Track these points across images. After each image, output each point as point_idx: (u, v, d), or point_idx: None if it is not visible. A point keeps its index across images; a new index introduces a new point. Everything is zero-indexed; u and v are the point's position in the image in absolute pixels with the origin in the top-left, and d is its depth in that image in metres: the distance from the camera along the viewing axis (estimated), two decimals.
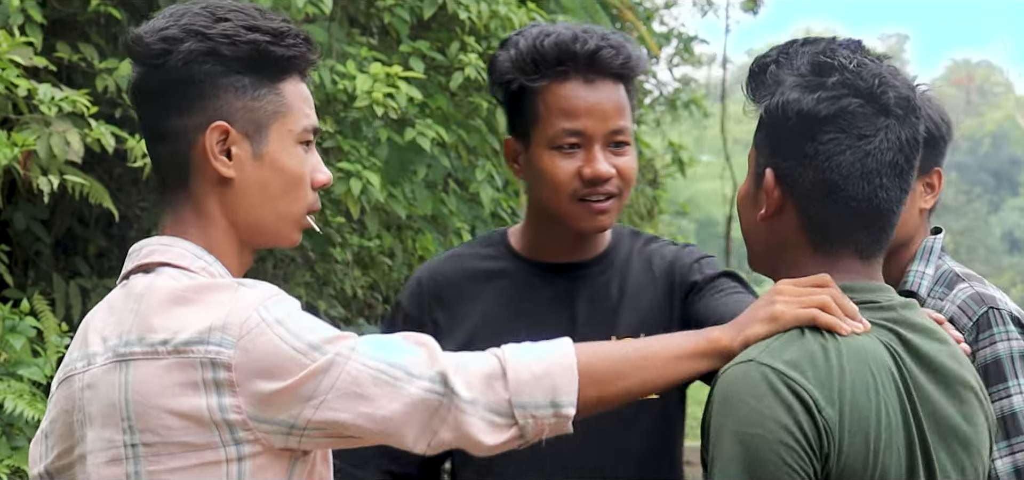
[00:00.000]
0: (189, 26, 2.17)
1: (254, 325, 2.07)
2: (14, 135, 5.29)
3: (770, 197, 2.17)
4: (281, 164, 2.23)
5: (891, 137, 2.12)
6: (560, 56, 2.72)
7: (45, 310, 5.82)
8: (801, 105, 2.12)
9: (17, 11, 5.61)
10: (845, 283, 2.14)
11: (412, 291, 2.90)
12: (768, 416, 2.00)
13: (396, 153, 7.20)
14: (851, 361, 2.06)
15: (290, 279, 8.37)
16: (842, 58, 2.15)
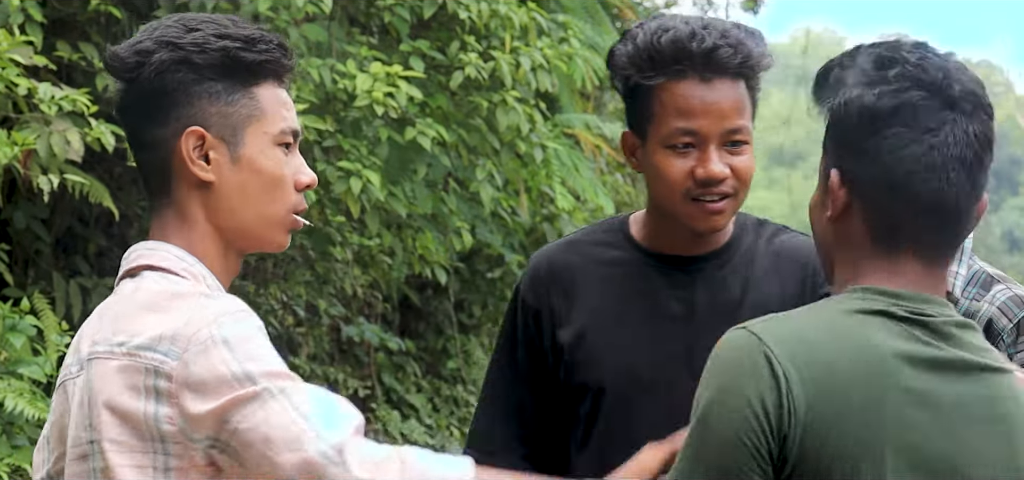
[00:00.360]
0: (161, 37, 2.23)
1: (202, 340, 2.09)
2: (14, 134, 5.30)
3: (835, 198, 2.12)
4: (259, 166, 2.25)
5: (958, 131, 2.06)
6: (677, 54, 2.65)
7: (45, 309, 5.82)
8: (863, 101, 2.07)
9: (17, 10, 5.62)
10: (897, 290, 2.08)
11: (530, 278, 2.87)
12: (736, 384, 2.00)
13: (396, 152, 7.20)
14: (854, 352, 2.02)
15: (290, 278, 8.37)
16: (905, 52, 2.10)
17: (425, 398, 9.83)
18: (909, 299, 2.08)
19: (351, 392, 9.25)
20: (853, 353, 2.02)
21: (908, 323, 2.07)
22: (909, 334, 2.06)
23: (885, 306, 2.07)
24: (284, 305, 8.73)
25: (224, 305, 2.14)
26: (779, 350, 2.00)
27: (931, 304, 2.09)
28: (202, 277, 2.23)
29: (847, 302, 2.09)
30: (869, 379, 2.01)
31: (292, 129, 2.30)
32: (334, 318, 9.21)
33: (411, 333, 10.25)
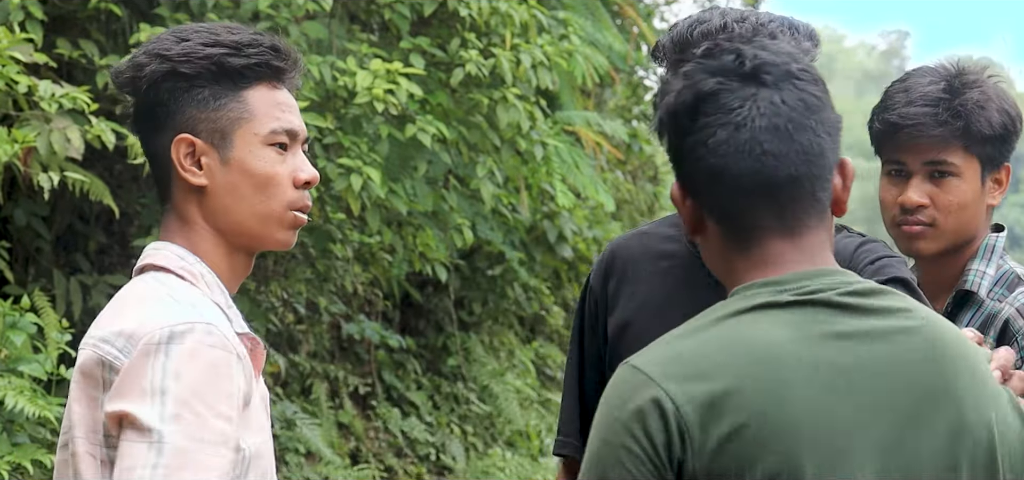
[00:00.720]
0: (153, 50, 2.31)
1: (150, 342, 2.12)
2: (14, 132, 5.29)
3: (684, 211, 2.09)
4: (248, 167, 2.31)
5: (762, 103, 2.01)
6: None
7: (46, 307, 5.82)
8: (668, 106, 2.07)
9: (17, 8, 5.61)
10: (776, 276, 2.03)
11: (598, 263, 2.93)
12: (619, 420, 1.95)
13: (397, 149, 7.20)
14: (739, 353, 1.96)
15: (291, 275, 8.37)
16: (694, 48, 2.12)
17: (425, 396, 9.82)
18: (791, 281, 2.02)
19: (351, 389, 9.24)
20: (740, 352, 1.97)
21: (793, 307, 2.00)
22: (797, 318, 1.99)
23: (766, 297, 2.01)
24: (284, 302, 8.72)
25: (189, 316, 2.15)
26: (657, 374, 1.96)
27: (817, 278, 2.03)
28: (201, 276, 2.28)
29: (726, 306, 2.03)
30: (762, 371, 1.95)
31: (286, 129, 2.34)
32: (334, 315, 9.21)
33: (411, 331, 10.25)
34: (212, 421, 2.10)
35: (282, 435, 8.05)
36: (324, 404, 8.70)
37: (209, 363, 2.13)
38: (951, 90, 2.97)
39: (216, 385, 2.13)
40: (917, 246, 3.01)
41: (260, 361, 2.33)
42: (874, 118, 3.05)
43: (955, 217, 2.98)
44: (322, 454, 8.19)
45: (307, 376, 8.85)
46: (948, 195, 2.98)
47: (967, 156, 2.97)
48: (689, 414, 1.92)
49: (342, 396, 9.12)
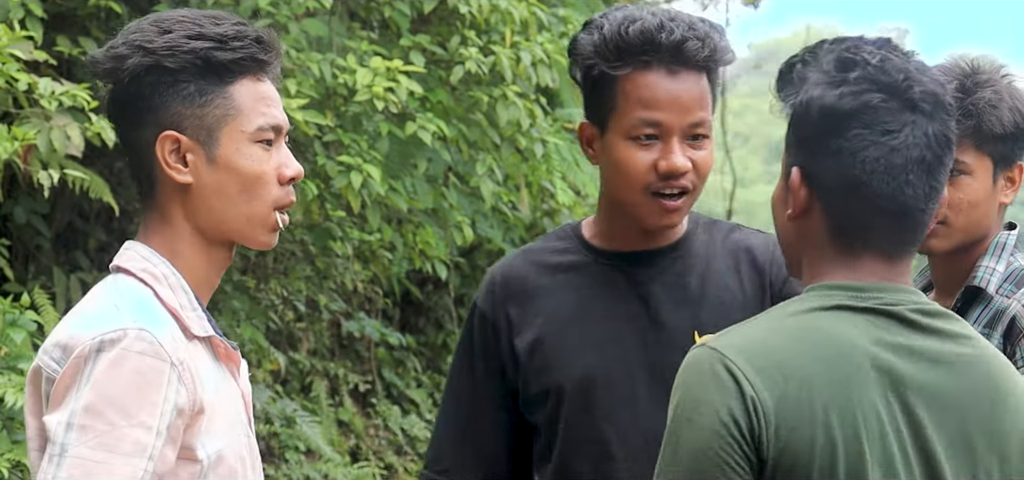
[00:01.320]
0: (134, 42, 2.23)
1: (81, 354, 2.08)
2: (14, 129, 5.29)
3: (796, 196, 2.14)
4: (235, 165, 2.24)
5: (918, 133, 2.08)
6: (644, 45, 2.65)
7: (46, 304, 5.82)
8: (824, 101, 2.09)
9: (17, 5, 5.61)
10: (858, 282, 2.10)
11: (486, 290, 2.85)
12: (703, 400, 2.01)
13: (397, 147, 7.20)
14: (814, 347, 2.04)
15: (290, 273, 8.37)
16: (866, 54, 2.11)
17: (425, 393, 9.83)
18: (870, 290, 2.10)
19: (351, 387, 9.24)
20: (814, 346, 2.04)
21: (870, 314, 2.08)
22: (871, 324, 2.08)
23: (844, 300, 2.09)
24: (284, 300, 8.73)
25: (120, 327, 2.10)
26: (739, 359, 2.02)
27: (894, 293, 2.11)
28: (163, 277, 2.22)
29: (806, 301, 2.11)
30: (834, 367, 2.03)
31: (272, 124, 2.28)
32: (334, 313, 9.21)
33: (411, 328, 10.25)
34: (127, 431, 2.03)
35: (282, 433, 8.05)
36: (324, 402, 8.70)
37: (134, 370, 2.07)
38: (964, 89, 2.97)
39: (139, 393, 2.06)
40: (929, 244, 3.03)
41: (236, 360, 2.29)
42: None
43: (966, 215, 3.00)
44: (322, 452, 8.19)
45: (307, 374, 8.85)
46: (960, 193, 2.99)
47: (979, 154, 2.99)
48: (766, 400, 2.00)
49: (342, 394, 9.12)
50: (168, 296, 2.20)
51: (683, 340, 2.63)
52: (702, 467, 1.99)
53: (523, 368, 2.77)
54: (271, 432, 8.04)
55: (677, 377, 2.08)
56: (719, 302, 2.76)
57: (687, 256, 2.80)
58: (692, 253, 2.81)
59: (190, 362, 2.15)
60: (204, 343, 2.23)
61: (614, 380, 2.69)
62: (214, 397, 2.19)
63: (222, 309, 7.44)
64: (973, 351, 2.13)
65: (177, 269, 2.24)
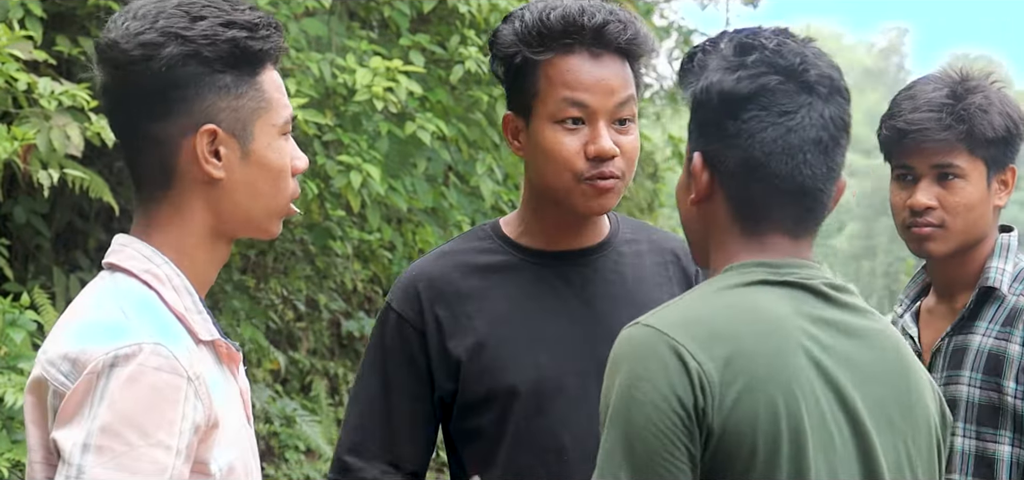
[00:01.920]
0: (168, 29, 2.12)
1: (94, 370, 1.99)
2: (14, 129, 5.29)
3: (698, 181, 2.17)
4: (267, 160, 2.18)
5: (814, 114, 2.12)
6: (566, 28, 2.66)
7: (45, 304, 5.82)
8: (723, 85, 2.13)
9: (17, 5, 5.61)
10: (771, 259, 2.13)
11: (406, 295, 2.78)
12: (643, 377, 2.01)
13: (396, 147, 7.20)
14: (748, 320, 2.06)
15: (290, 272, 8.38)
16: (764, 39, 2.15)
17: None
18: (784, 266, 2.14)
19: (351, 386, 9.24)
20: (748, 318, 2.06)
21: (789, 287, 2.12)
22: (792, 297, 2.11)
23: (764, 275, 2.12)
24: (284, 299, 8.73)
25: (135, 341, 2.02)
26: (679, 334, 2.03)
27: (805, 268, 2.15)
28: (167, 279, 2.14)
29: (725, 278, 2.13)
30: (771, 340, 2.05)
31: (291, 115, 2.25)
32: (334, 313, 9.21)
33: None
34: (146, 451, 1.96)
35: (282, 432, 8.05)
36: (324, 401, 8.71)
37: (152, 387, 1.99)
38: (955, 95, 3.06)
39: (158, 412, 1.98)
40: (927, 247, 3.10)
41: (236, 360, 2.23)
42: (882, 125, 3.15)
43: (963, 218, 3.07)
44: (322, 451, 8.19)
45: (307, 373, 8.85)
46: (955, 197, 3.06)
47: (972, 159, 3.06)
48: (711, 372, 2.00)
49: (342, 393, 9.12)
50: (173, 299, 2.13)
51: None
52: (648, 444, 1.98)
53: (463, 371, 2.72)
54: (271, 431, 8.04)
55: (612, 355, 2.07)
56: (655, 299, 2.76)
57: (617, 253, 2.81)
58: (621, 250, 2.81)
59: (204, 374, 2.08)
60: (207, 346, 2.16)
61: (566, 382, 2.68)
62: (224, 407, 2.13)
63: (222, 309, 7.44)
64: (879, 326, 2.19)
65: (180, 268, 2.16)
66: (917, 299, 3.28)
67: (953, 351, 3.09)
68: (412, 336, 2.76)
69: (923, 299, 3.27)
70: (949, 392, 3.06)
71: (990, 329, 3.06)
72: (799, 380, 2.04)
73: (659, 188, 13.13)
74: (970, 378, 3.05)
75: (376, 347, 2.82)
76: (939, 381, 3.08)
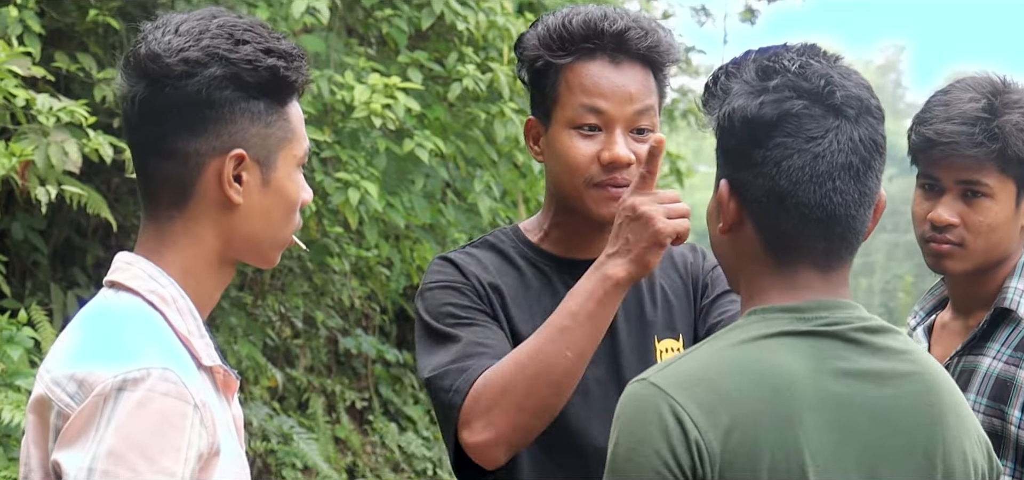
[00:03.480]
0: (212, 49, 2.12)
1: (102, 392, 1.97)
2: (12, 145, 5.29)
3: (726, 209, 2.10)
4: (285, 191, 2.18)
5: (842, 138, 2.04)
6: (587, 33, 2.65)
7: (43, 320, 5.82)
8: (746, 111, 2.06)
9: (15, 21, 5.61)
10: (799, 303, 2.06)
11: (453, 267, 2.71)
12: (644, 441, 1.97)
13: (394, 163, 7.20)
14: (758, 382, 1.99)
15: (288, 289, 8.37)
16: (786, 61, 2.08)
17: (422, 410, 9.81)
18: (811, 310, 2.06)
19: (348, 404, 9.23)
20: (758, 381, 1.99)
21: (813, 337, 2.05)
22: (814, 349, 2.04)
23: (787, 325, 2.05)
24: (281, 316, 8.72)
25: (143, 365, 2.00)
26: (681, 396, 1.97)
27: (837, 310, 2.07)
28: (172, 300, 2.12)
29: (747, 329, 2.06)
30: (778, 403, 1.98)
31: (308, 149, 2.24)
32: (331, 330, 9.20)
33: (408, 345, 10.24)
34: (151, 477, 1.94)
35: (279, 449, 8.04)
36: (321, 418, 8.69)
37: (159, 413, 1.97)
38: (991, 109, 2.91)
39: (163, 438, 1.96)
40: (945, 264, 2.98)
41: (233, 388, 2.21)
42: (912, 129, 3.00)
43: (985, 238, 2.94)
44: (319, 469, 8.17)
45: (304, 390, 8.84)
46: (979, 216, 2.93)
47: (1002, 178, 2.92)
48: (711, 441, 1.95)
49: (339, 410, 9.11)
50: (177, 322, 2.11)
51: (644, 346, 2.63)
52: None
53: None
54: (268, 449, 8.02)
55: (617, 411, 2.03)
56: (668, 306, 2.76)
57: None
58: None
59: (209, 404, 2.06)
60: (206, 372, 2.14)
61: (589, 389, 2.67)
62: (223, 434, 2.11)
63: (219, 325, 7.44)
64: (914, 367, 2.09)
65: (185, 290, 2.14)
66: (933, 312, 3.17)
67: (961, 371, 2.98)
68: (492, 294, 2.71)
69: (939, 313, 3.15)
70: None
71: (1001, 352, 2.94)
72: (812, 448, 1.98)
73: None
74: (975, 402, 2.92)
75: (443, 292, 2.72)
76: None
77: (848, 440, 2.01)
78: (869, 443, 2.03)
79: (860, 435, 2.02)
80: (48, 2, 6.28)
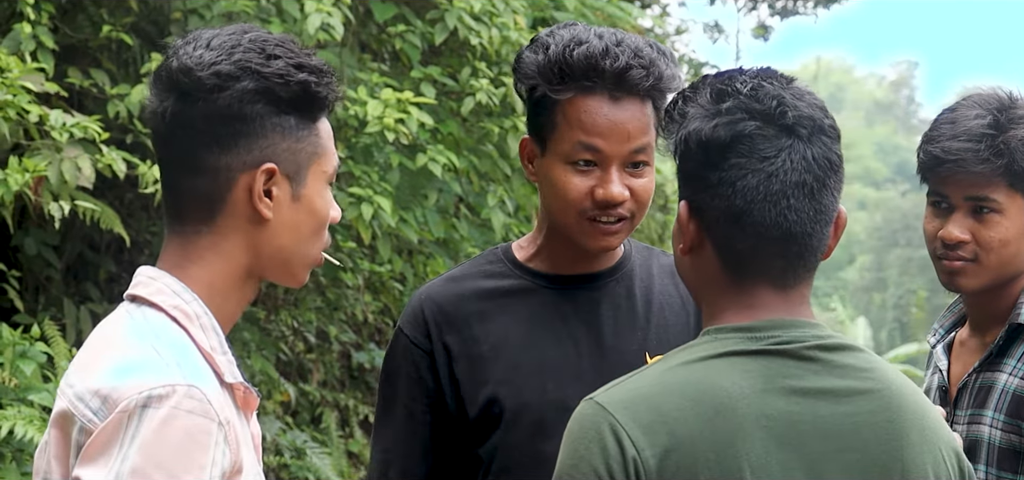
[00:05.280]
0: (244, 63, 2.12)
1: (126, 408, 1.96)
2: (25, 161, 5.30)
3: (686, 230, 2.13)
4: (315, 206, 2.19)
5: (796, 157, 2.06)
6: (587, 70, 2.61)
7: (56, 336, 5.82)
8: (701, 134, 2.08)
9: (29, 37, 5.63)
10: (753, 322, 2.08)
11: (415, 319, 2.76)
12: (584, 458, 2.00)
13: (407, 178, 7.21)
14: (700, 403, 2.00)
15: (301, 304, 8.37)
16: (739, 83, 2.11)
17: None
18: (764, 329, 2.08)
19: (362, 418, 9.23)
20: (699, 401, 2.00)
21: (763, 356, 2.06)
22: (764, 368, 2.05)
23: (737, 345, 2.06)
24: (294, 331, 8.72)
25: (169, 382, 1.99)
26: (622, 415, 2.00)
27: (791, 328, 2.09)
28: (196, 317, 2.12)
29: (698, 349, 2.08)
30: (717, 423, 2.00)
31: (338, 165, 2.25)
32: (344, 344, 9.20)
33: None
34: None
35: (292, 464, 8.03)
36: (334, 433, 8.69)
37: (184, 431, 1.96)
38: (997, 125, 2.91)
39: (187, 456, 1.95)
40: (958, 281, 2.98)
41: (253, 405, 2.20)
42: (921, 147, 3.00)
43: (997, 254, 2.93)
44: None
45: (317, 405, 8.84)
46: (990, 231, 2.93)
47: (1011, 193, 2.92)
48: (649, 458, 1.97)
49: (352, 425, 9.10)
50: (201, 338, 2.10)
51: (635, 362, 2.61)
52: None
53: (466, 395, 2.71)
54: (281, 463, 8.02)
55: (566, 429, 2.06)
56: (664, 324, 2.75)
57: (629, 279, 2.78)
58: (633, 275, 2.79)
59: (233, 422, 2.06)
60: (227, 389, 2.13)
61: (572, 407, 2.67)
62: (247, 453, 2.11)
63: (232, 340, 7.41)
64: (874, 385, 2.09)
65: (209, 306, 2.14)
66: (952, 329, 3.15)
67: (979, 388, 2.97)
68: (421, 359, 2.75)
69: (958, 330, 3.14)
70: (972, 431, 2.93)
71: (1017, 368, 2.92)
72: (753, 465, 1.99)
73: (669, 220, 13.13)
74: (992, 419, 2.91)
75: (389, 371, 2.81)
76: (963, 419, 2.96)
77: (794, 458, 2.02)
78: (818, 460, 2.03)
79: (808, 453, 2.02)
80: (62, 18, 6.30)
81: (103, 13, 6.43)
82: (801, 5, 19.58)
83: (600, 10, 8.44)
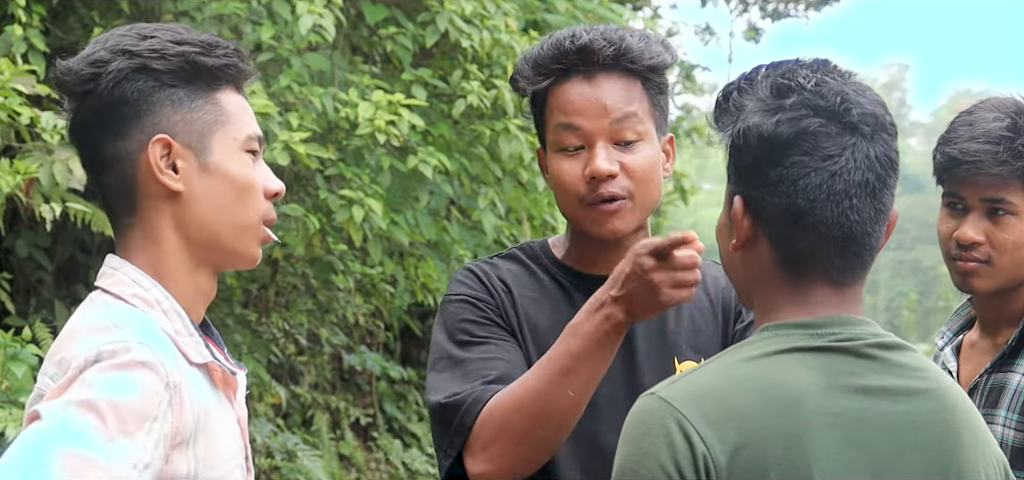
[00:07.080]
0: (116, 46, 2.15)
1: (79, 364, 1.98)
2: (16, 163, 5.30)
3: (740, 226, 2.09)
4: (229, 172, 2.17)
5: (859, 156, 2.03)
6: (555, 55, 2.67)
7: (47, 338, 5.81)
8: (762, 129, 2.04)
9: (20, 39, 5.63)
10: (813, 318, 2.05)
11: (469, 277, 2.74)
12: (649, 454, 1.96)
13: (398, 180, 7.21)
14: (767, 398, 1.97)
15: (292, 306, 8.37)
16: (801, 78, 2.07)
17: (427, 427, 9.81)
18: (825, 326, 2.05)
19: (353, 421, 9.23)
20: (768, 397, 1.98)
21: (826, 353, 2.03)
22: (828, 364, 2.03)
23: (800, 341, 2.04)
24: (286, 334, 8.72)
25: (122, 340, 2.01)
26: (689, 411, 1.96)
27: (850, 326, 2.06)
28: (156, 303, 2.13)
29: (759, 345, 2.05)
30: (787, 420, 1.97)
31: (257, 135, 2.23)
32: (336, 347, 9.20)
33: (413, 362, 10.24)
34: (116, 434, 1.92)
35: (284, 466, 8.03)
36: (325, 435, 8.69)
37: (134, 380, 1.97)
38: (1015, 128, 2.92)
39: (134, 403, 1.95)
40: (971, 283, 2.98)
41: (233, 385, 2.21)
42: (938, 148, 3.01)
43: (1011, 256, 2.94)
44: None
45: (308, 407, 8.84)
46: (1004, 233, 2.94)
47: None
48: (719, 455, 1.94)
49: (343, 427, 9.10)
50: (164, 323, 2.11)
51: (665, 365, 2.62)
52: None
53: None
54: (272, 466, 8.02)
55: (625, 425, 2.02)
56: (694, 326, 2.75)
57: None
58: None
59: (185, 388, 2.05)
60: (201, 369, 2.14)
61: (601, 406, 2.67)
62: (215, 426, 2.11)
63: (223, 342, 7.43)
64: (930, 384, 2.08)
65: (168, 292, 2.15)
66: (960, 332, 3.15)
67: (991, 389, 2.96)
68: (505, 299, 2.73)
69: (966, 333, 3.14)
70: None
71: None
72: (820, 463, 1.97)
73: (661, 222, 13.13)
74: (1005, 419, 2.91)
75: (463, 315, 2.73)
76: None
77: (859, 456, 2.00)
78: (881, 459, 2.01)
79: (872, 451, 2.01)
80: (53, 20, 6.30)
81: (94, 15, 6.43)
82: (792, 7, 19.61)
83: (591, 12, 8.45)
